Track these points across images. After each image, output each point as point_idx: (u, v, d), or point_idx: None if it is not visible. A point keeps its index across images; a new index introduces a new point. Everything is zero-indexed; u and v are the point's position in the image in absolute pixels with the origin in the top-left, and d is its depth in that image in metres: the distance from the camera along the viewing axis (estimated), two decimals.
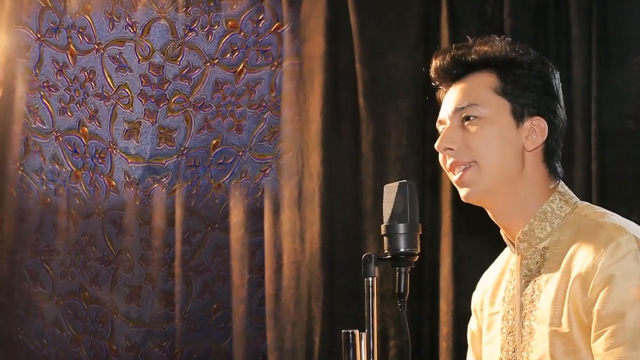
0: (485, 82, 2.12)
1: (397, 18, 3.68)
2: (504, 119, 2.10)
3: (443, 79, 2.21)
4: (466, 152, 2.10)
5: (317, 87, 3.77)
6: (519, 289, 2.13)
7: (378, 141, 3.67)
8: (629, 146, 3.31)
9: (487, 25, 3.48)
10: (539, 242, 2.10)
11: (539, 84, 2.12)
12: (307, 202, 3.77)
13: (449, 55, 2.17)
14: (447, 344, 3.43)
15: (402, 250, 1.91)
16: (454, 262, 3.45)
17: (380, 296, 3.40)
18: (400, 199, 1.92)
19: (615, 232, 1.97)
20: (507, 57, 2.13)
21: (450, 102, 2.16)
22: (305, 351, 3.72)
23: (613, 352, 1.90)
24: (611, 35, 3.34)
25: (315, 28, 3.79)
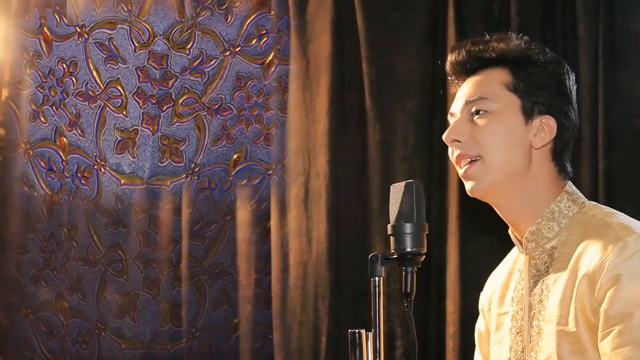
0: (498, 77, 2.14)
1: (403, 18, 3.70)
2: (513, 114, 2.11)
3: (458, 73, 2.23)
4: (473, 146, 2.11)
5: (324, 87, 3.78)
6: (527, 289, 2.13)
7: (385, 141, 3.68)
8: (636, 145, 3.31)
9: (494, 24, 3.49)
10: (547, 242, 2.11)
11: (552, 83, 2.14)
12: (313, 202, 3.79)
13: (464, 49, 2.19)
14: (453, 343, 3.44)
15: (409, 250, 1.92)
16: (461, 262, 3.46)
17: (386, 296, 3.41)
18: (406, 199, 1.93)
19: (622, 231, 1.98)
20: (523, 54, 2.15)
21: (462, 95, 2.18)
22: (312, 351, 3.73)
23: (620, 351, 1.91)
24: (618, 35, 3.34)
25: (322, 28, 3.80)
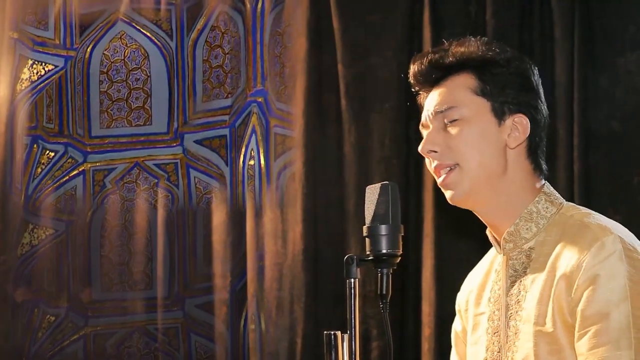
0: (463, 83, 2.13)
1: (380, 19, 3.69)
2: (485, 118, 2.11)
3: (422, 83, 2.22)
4: (448, 154, 2.11)
5: (300, 89, 3.77)
6: (504, 289, 2.13)
7: (361, 143, 3.67)
8: (613, 147, 3.32)
9: (470, 26, 3.49)
10: (525, 242, 2.11)
11: (518, 80, 2.13)
12: (289, 204, 3.78)
13: (426, 59, 2.18)
14: (429, 345, 3.44)
15: (384, 252, 1.92)
16: (437, 264, 3.46)
17: (362, 297, 3.41)
18: (382, 201, 1.93)
19: (600, 232, 1.99)
20: (484, 56, 2.14)
21: (431, 105, 2.16)
22: (288, 353, 3.73)
23: (596, 351, 1.91)
24: (595, 36, 3.35)
25: (298, 30, 3.80)
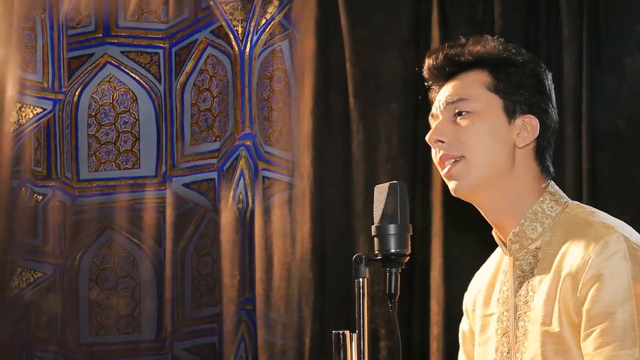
0: (477, 79, 2.14)
1: (387, 19, 3.69)
2: (496, 114, 2.12)
3: (436, 77, 2.22)
4: (456, 146, 2.11)
5: (308, 88, 3.77)
6: (512, 290, 2.13)
7: (369, 142, 3.68)
8: (620, 147, 3.32)
9: (477, 26, 3.50)
10: (531, 242, 2.11)
11: (532, 82, 2.14)
12: (297, 203, 3.78)
13: (442, 54, 2.19)
14: (437, 344, 3.44)
15: (393, 251, 1.92)
16: (445, 263, 3.46)
17: (371, 297, 3.41)
18: (390, 200, 1.93)
19: (604, 230, 1.99)
20: (500, 56, 2.15)
21: (443, 96, 2.17)
22: (296, 352, 3.73)
23: (602, 350, 1.92)
24: (602, 36, 3.35)
25: (306, 29, 3.80)
